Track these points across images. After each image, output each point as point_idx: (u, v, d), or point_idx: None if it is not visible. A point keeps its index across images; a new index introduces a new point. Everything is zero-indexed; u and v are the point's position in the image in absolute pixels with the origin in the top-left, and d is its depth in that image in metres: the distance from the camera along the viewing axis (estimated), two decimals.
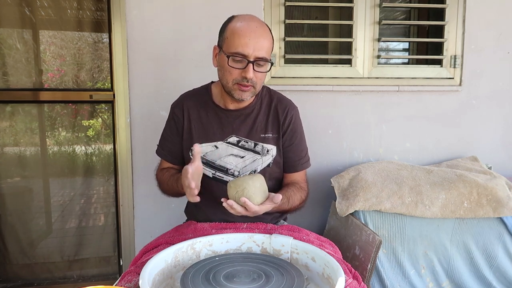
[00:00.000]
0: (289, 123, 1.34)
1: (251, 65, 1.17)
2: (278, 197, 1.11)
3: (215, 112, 1.33)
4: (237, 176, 1.30)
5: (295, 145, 1.36)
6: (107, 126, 2.07)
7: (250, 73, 1.17)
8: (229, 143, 1.32)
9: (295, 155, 1.37)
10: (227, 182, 1.15)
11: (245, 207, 1.08)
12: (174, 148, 1.38)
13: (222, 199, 1.11)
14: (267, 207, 1.12)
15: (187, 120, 1.34)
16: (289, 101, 1.38)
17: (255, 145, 1.32)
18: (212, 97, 1.35)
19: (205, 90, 1.38)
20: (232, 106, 1.32)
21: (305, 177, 1.41)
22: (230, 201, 1.08)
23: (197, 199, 1.10)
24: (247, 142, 1.32)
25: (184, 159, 1.38)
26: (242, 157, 1.31)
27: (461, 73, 2.05)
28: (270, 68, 1.23)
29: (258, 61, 1.18)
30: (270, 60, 1.22)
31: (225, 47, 1.20)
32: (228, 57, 1.18)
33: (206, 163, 1.32)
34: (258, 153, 1.32)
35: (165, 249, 1.01)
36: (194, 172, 1.08)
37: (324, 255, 0.99)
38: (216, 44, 1.27)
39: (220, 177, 1.31)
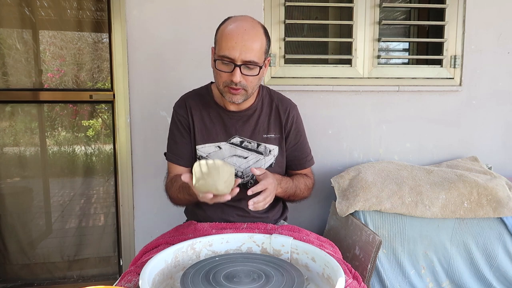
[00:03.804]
0: (291, 123, 1.35)
1: (237, 68, 1.14)
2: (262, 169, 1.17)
3: (218, 113, 1.33)
4: (241, 177, 1.31)
5: (301, 143, 1.39)
6: (107, 126, 2.07)
7: (237, 77, 1.15)
8: (232, 143, 1.32)
9: (302, 153, 1.39)
10: None
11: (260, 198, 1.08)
12: (185, 150, 1.34)
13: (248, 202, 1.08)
14: (270, 182, 1.14)
15: (191, 120, 1.33)
16: (289, 101, 1.39)
17: (258, 145, 1.32)
18: (214, 98, 1.35)
19: (206, 90, 1.37)
20: (232, 107, 1.31)
21: (311, 171, 1.46)
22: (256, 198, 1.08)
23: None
24: (250, 143, 1.32)
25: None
26: (245, 157, 1.31)
27: (461, 73, 2.05)
28: (259, 72, 1.19)
29: (246, 65, 1.15)
30: (269, 58, 1.21)
31: (216, 50, 1.20)
32: (215, 60, 1.18)
33: None
34: (261, 153, 1.32)
35: (165, 249, 1.01)
36: None
37: (324, 255, 0.99)
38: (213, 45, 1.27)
39: None
